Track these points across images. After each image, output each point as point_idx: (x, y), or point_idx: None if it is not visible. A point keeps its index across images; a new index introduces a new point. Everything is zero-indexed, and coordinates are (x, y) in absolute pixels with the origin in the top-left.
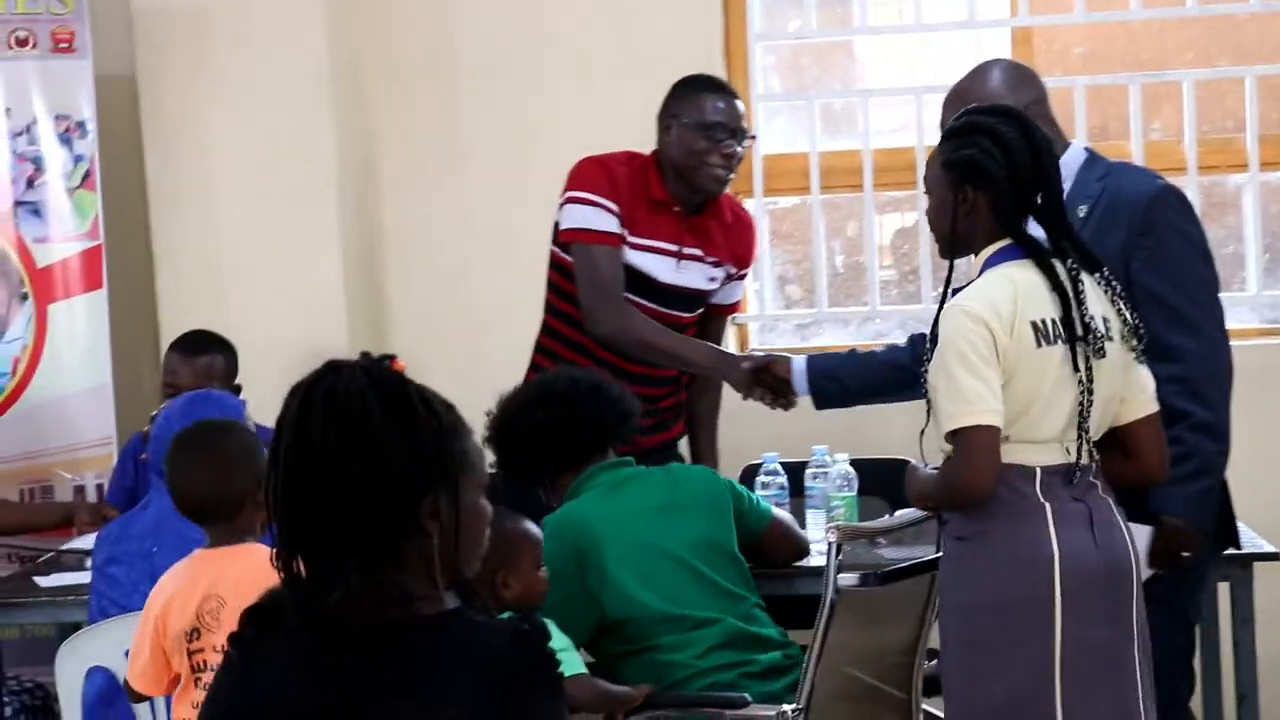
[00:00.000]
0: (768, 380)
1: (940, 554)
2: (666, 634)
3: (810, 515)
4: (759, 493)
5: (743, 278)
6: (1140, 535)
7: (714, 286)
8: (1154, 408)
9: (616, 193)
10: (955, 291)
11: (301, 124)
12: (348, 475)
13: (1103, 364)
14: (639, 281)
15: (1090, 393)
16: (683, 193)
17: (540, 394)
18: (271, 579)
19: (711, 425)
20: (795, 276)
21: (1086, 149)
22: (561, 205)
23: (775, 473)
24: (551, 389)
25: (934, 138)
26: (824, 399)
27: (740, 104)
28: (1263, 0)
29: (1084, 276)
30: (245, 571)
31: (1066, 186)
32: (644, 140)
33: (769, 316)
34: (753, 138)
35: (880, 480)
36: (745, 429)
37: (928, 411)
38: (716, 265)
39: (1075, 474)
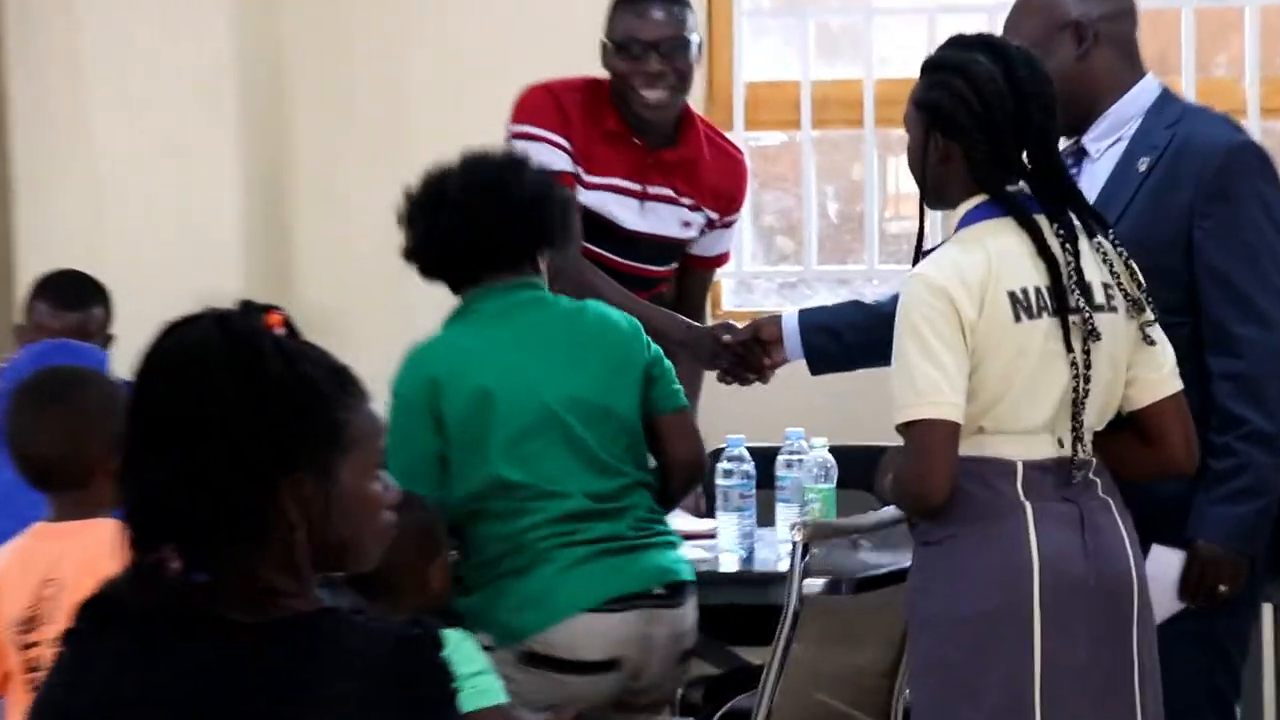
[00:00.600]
0: (750, 350)
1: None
2: (501, 499)
3: (781, 510)
4: (720, 482)
5: (729, 225)
6: (1170, 562)
7: (690, 234)
8: (1175, 386)
9: (567, 126)
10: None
11: (195, 26)
12: (188, 444)
13: (1101, 341)
14: (597, 227)
15: (1086, 375)
16: (636, 122)
17: (465, 177)
18: (120, 562)
19: (694, 391)
20: (785, 227)
21: (1162, 86)
22: (507, 140)
23: (741, 459)
24: (479, 174)
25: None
26: (820, 360)
27: (675, 8)
28: None
29: (1082, 238)
30: (91, 552)
31: (1131, 129)
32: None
33: (746, 273)
34: (684, 44)
35: (866, 470)
36: (706, 406)
37: None
38: (694, 209)
39: (1069, 470)
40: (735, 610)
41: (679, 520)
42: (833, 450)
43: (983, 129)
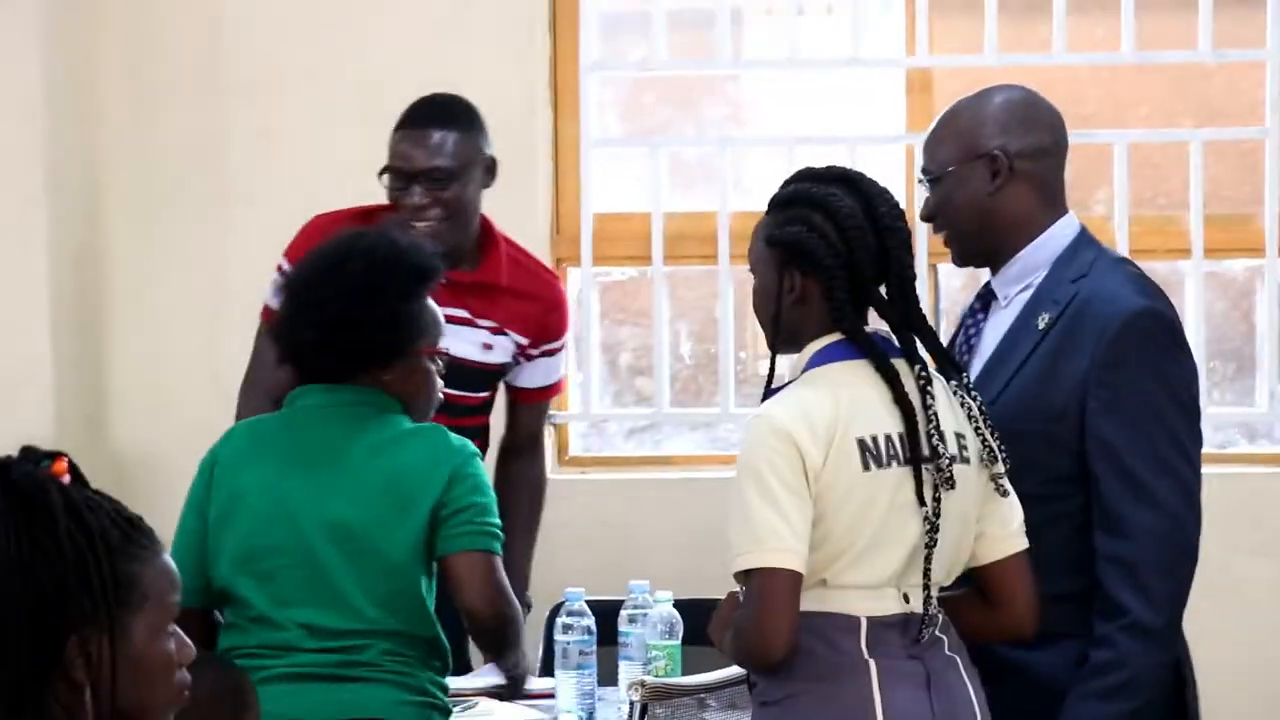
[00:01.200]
0: None
1: None
2: (229, 608)
3: (624, 667)
4: (559, 638)
5: (551, 354)
6: None
7: (495, 358)
8: (1021, 544)
9: None
10: (774, 391)
11: (6, 158)
12: None
13: (953, 493)
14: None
15: (935, 528)
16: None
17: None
18: None
19: (529, 532)
20: (647, 367)
21: (1079, 229)
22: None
23: (581, 614)
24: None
25: None
26: None
27: (450, 134)
28: (1216, 50)
29: (935, 384)
30: None
31: (1038, 277)
32: None
33: (596, 416)
34: (442, 177)
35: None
36: (543, 557)
37: None
38: (496, 332)
39: (918, 627)
40: None
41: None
42: (678, 604)
43: (844, 265)
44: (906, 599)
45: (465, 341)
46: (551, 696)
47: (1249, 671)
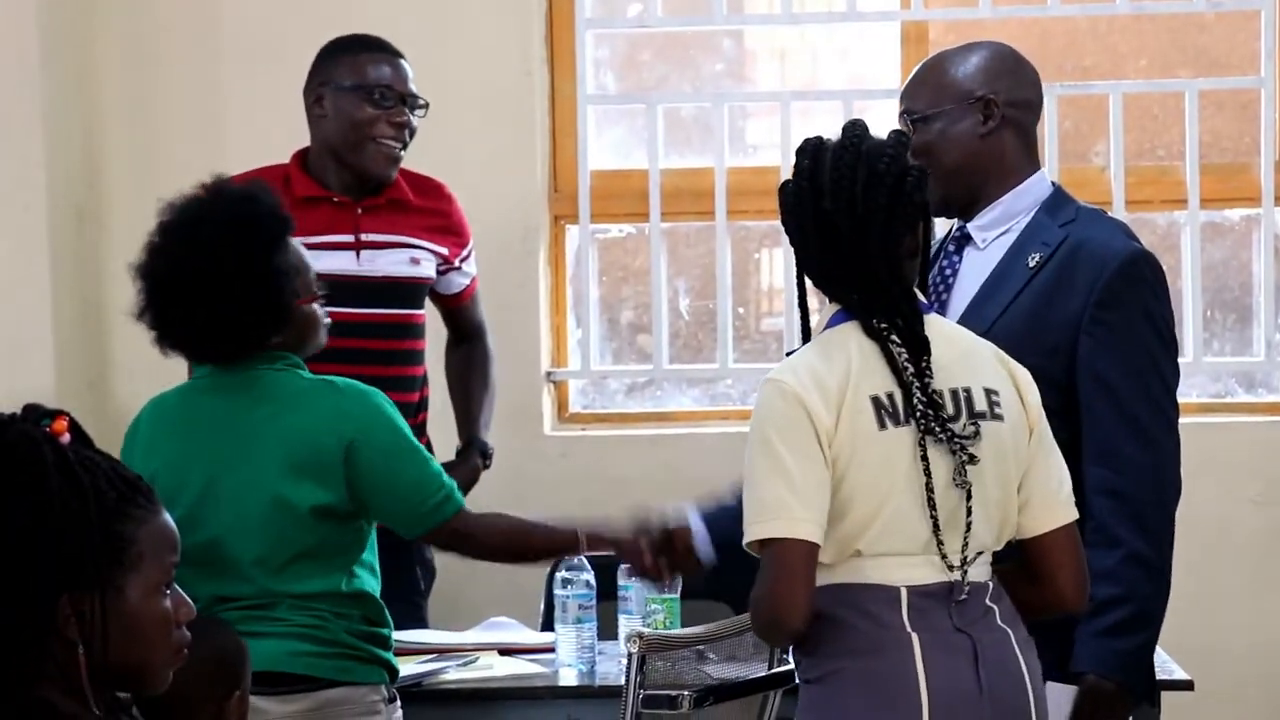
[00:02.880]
0: (666, 554)
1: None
2: None
3: (623, 621)
4: (559, 593)
5: (467, 258)
6: (1061, 697)
7: (424, 272)
8: (1069, 515)
9: None
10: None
11: (5, 120)
12: None
13: (989, 453)
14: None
15: (969, 491)
16: (347, 180)
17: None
18: None
19: (485, 391)
20: (646, 324)
21: (1055, 184)
22: None
23: (580, 569)
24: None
25: None
26: (736, 552)
27: (406, 64)
28: (1211, 1)
29: (946, 340)
30: None
31: (1021, 223)
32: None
33: (594, 373)
34: (424, 105)
35: (716, 580)
36: (542, 510)
37: None
38: (417, 247)
39: (959, 594)
40: None
41: (517, 634)
42: None
43: (816, 230)
44: (949, 567)
45: (394, 261)
46: (552, 650)
47: (1246, 619)
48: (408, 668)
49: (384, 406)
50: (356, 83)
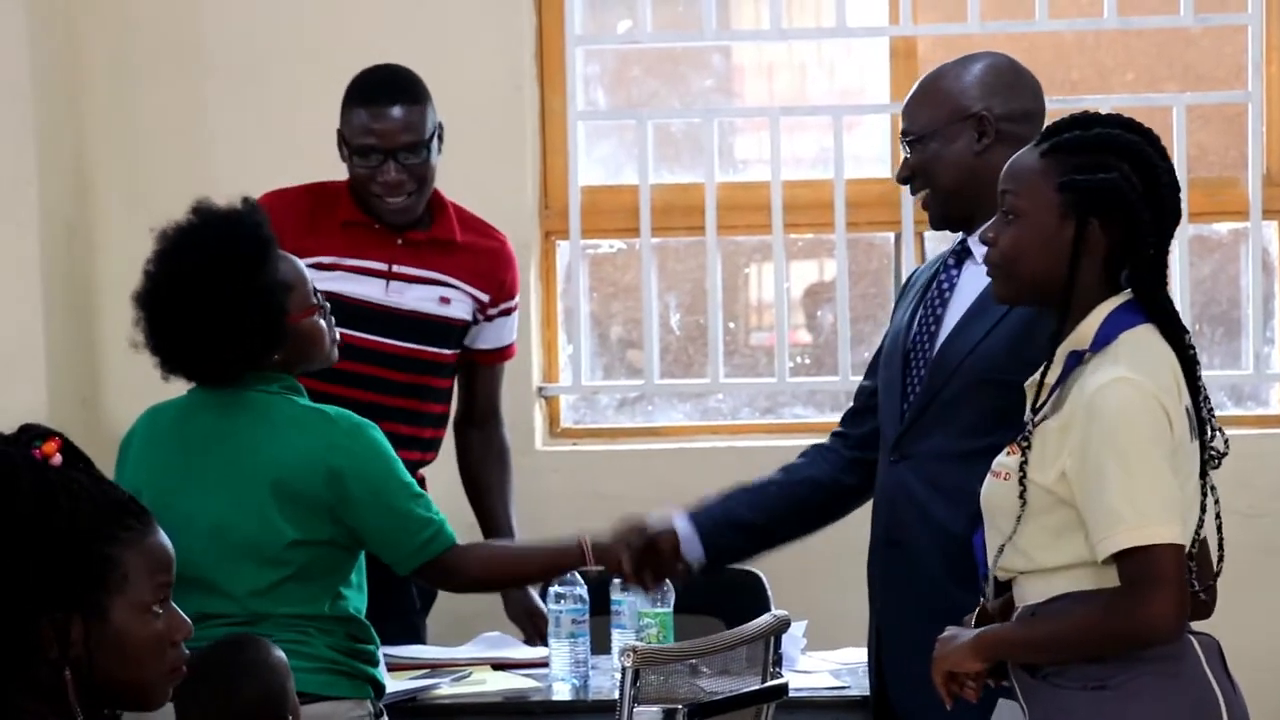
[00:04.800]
0: (651, 560)
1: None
2: None
3: (617, 635)
4: (552, 608)
5: (507, 314)
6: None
7: (454, 313)
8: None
9: (282, 232)
10: (1072, 356)
11: None
12: None
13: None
14: (345, 310)
15: (1214, 499)
16: (379, 215)
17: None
18: None
19: (505, 495)
20: (636, 339)
21: None
22: None
23: (573, 583)
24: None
25: (800, 169)
26: (726, 555)
27: (411, 107)
28: (1198, 15)
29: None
30: None
31: None
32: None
33: (586, 388)
34: (423, 146)
35: (708, 594)
36: (533, 528)
37: (1017, 518)
38: (450, 286)
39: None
40: None
41: (510, 649)
42: None
43: (1154, 218)
44: None
45: (423, 296)
46: (545, 665)
47: (1234, 632)
48: (401, 683)
49: (376, 439)
50: (349, 140)
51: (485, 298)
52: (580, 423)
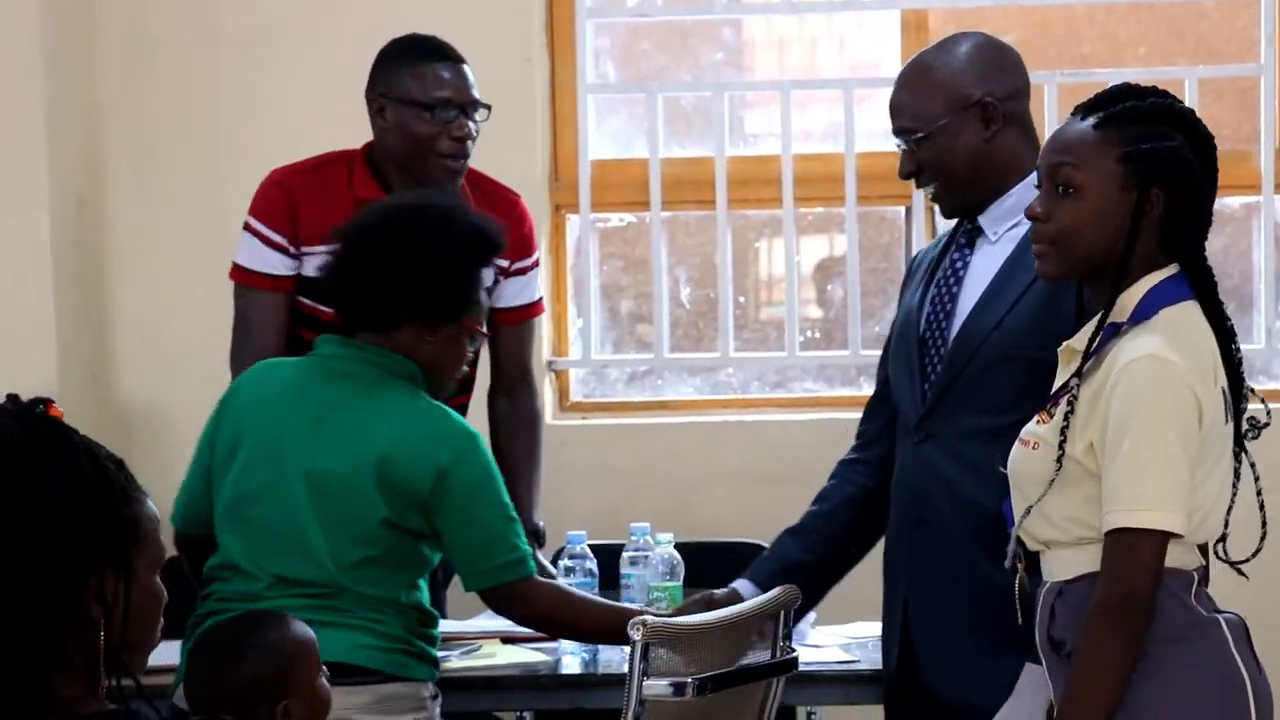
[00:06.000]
0: None
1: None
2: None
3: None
4: (562, 581)
5: (525, 271)
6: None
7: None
8: None
9: (294, 213)
10: (1110, 327)
11: (7, 110)
12: None
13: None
14: None
15: (1239, 478)
16: (409, 185)
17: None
18: None
19: (532, 467)
20: (647, 313)
21: None
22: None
23: (583, 556)
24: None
25: (810, 143)
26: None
27: (467, 69)
28: None
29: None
30: None
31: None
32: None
33: (595, 362)
34: (487, 107)
35: (715, 568)
36: (546, 501)
37: (1050, 482)
38: None
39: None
40: (580, 715)
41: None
42: (678, 546)
43: (1208, 186)
44: (1201, 551)
45: None
46: (555, 639)
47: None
48: None
49: (486, 454)
50: (417, 98)
51: (505, 262)
52: (590, 396)
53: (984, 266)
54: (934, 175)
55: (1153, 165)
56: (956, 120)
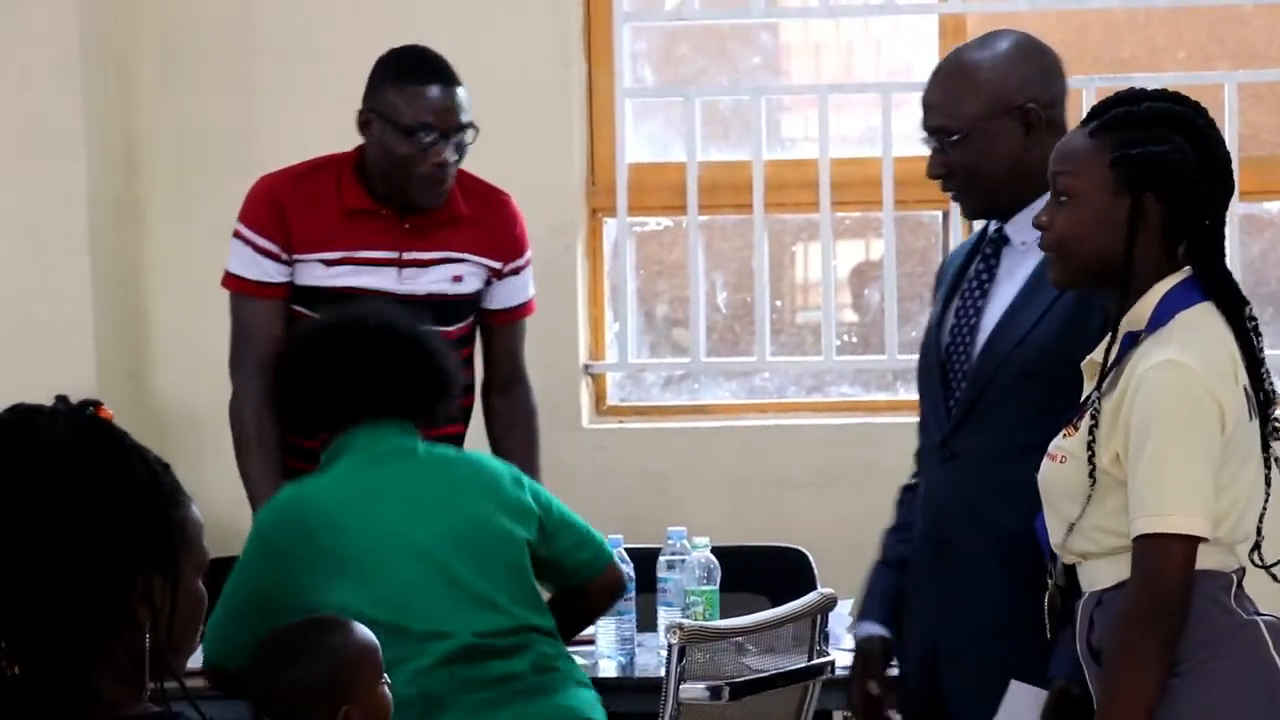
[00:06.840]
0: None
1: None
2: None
3: (663, 613)
4: None
5: (518, 271)
6: (1031, 699)
7: (468, 288)
8: None
9: (283, 220)
10: (1128, 337)
11: (46, 113)
12: (44, 553)
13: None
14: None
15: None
16: (395, 197)
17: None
18: None
19: (531, 466)
20: (683, 318)
21: None
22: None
23: (621, 560)
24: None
25: (847, 147)
26: None
27: (459, 91)
28: None
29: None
30: None
31: None
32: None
33: (632, 366)
34: (473, 128)
35: (754, 572)
36: (579, 505)
37: (1087, 498)
38: (461, 262)
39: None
40: (616, 719)
41: None
42: (715, 551)
43: (1208, 192)
44: (1236, 553)
45: (436, 279)
46: (591, 642)
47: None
48: None
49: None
50: (399, 120)
51: (498, 264)
52: (626, 400)
53: (1010, 277)
54: (965, 179)
55: (1143, 170)
56: (996, 124)
